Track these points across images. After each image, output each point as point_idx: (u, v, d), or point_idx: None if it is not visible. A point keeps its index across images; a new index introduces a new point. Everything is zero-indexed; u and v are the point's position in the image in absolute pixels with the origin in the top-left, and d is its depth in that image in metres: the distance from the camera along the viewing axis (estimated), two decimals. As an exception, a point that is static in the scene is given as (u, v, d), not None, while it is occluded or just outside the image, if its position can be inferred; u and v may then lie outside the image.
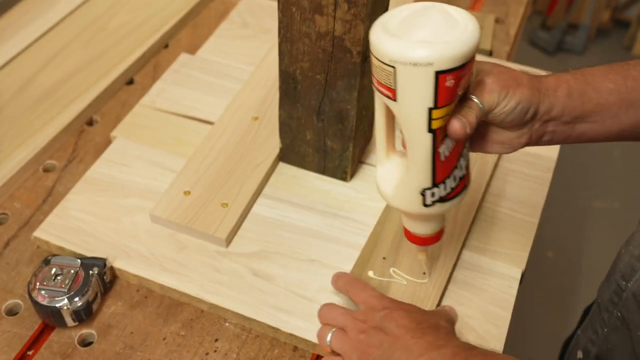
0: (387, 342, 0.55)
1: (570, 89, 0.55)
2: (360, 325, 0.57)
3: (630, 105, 0.55)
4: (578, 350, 0.74)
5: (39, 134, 0.82)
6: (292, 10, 0.64)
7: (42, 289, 0.63)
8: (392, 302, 0.59)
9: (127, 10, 1.01)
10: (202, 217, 0.71)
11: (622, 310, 0.62)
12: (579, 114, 0.55)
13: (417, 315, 0.57)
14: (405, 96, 0.49)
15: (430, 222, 0.59)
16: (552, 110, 0.55)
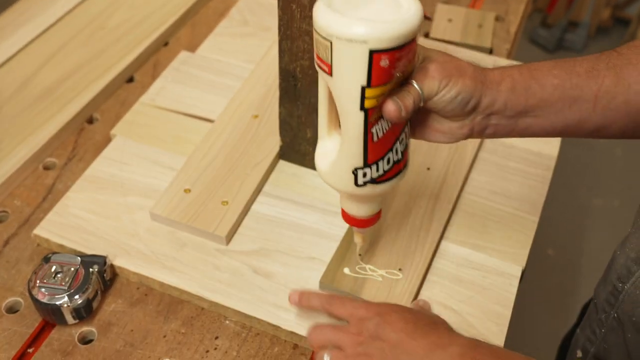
0: (387, 349, 0.53)
1: (514, 83, 0.54)
2: (355, 338, 0.54)
3: (574, 101, 0.55)
4: (577, 349, 0.74)
5: (39, 132, 0.82)
6: (292, 8, 0.64)
7: (43, 287, 0.63)
8: (381, 307, 0.56)
9: (126, 8, 1.00)
10: (202, 215, 0.71)
11: (618, 312, 0.61)
12: (522, 109, 0.55)
13: (411, 315, 0.55)
14: (339, 72, 0.49)
15: (365, 204, 0.59)
16: (494, 104, 0.54)
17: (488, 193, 0.77)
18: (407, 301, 0.65)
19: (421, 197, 0.74)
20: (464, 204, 0.76)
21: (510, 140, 0.83)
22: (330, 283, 0.66)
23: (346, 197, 0.59)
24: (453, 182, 0.76)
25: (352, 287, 0.66)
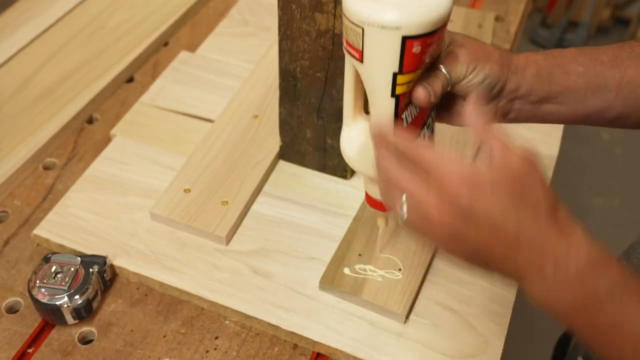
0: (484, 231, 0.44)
1: (539, 69, 0.54)
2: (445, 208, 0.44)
3: (597, 89, 0.55)
4: (578, 356, 0.73)
5: (39, 132, 0.82)
6: (292, 8, 0.64)
7: (42, 287, 0.63)
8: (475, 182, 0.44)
9: (126, 8, 1.00)
10: (202, 215, 0.71)
11: None
12: (546, 95, 0.55)
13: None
14: (371, 59, 0.48)
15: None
16: (519, 88, 0.54)
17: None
18: (407, 301, 0.65)
19: (421, 197, 0.74)
20: (464, 204, 0.76)
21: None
22: (330, 283, 0.66)
23: (372, 181, 0.58)
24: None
25: (352, 287, 0.66)
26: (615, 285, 0.42)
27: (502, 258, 0.44)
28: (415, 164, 0.45)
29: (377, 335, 0.64)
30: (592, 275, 0.42)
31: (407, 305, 0.64)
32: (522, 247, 0.43)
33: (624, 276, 0.43)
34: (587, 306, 0.43)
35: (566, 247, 0.42)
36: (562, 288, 0.43)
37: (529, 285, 0.44)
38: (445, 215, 0.43)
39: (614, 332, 0.42)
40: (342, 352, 0.63)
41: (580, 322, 0.44)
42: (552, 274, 0.43)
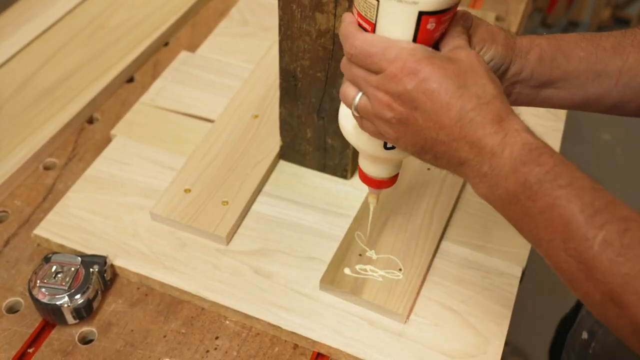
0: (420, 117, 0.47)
1: (542, 53, 0.54)
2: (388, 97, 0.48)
3: (597, 75, 0.54)
4: (583, 331, 0.73)
5: (39, 132, 0.82)
6: (292, 8, 0.64)
7: (43, 287, 0.63)
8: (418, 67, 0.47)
9: (126, 8, 1.00)
10: (203, 215, 0.71)
11: None
12: (547, 79, 0.55)
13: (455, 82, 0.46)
14: (383, 33, 0.47)
15: (387, 166, 0.58)
16: (521, 72, 0.54)
17: (488, 193, 0.77)
18: (407, 301, 0.65)
19: (421, 197, 0.74)
20: (464, 204, 0.76)
21: (511, 140, 0.83)
22: (330, 283, 0.66)
23: (368, 158, 0.58)
24: (453, 182, 0.76)
25: (352, 287, 0.65)
26: (546, 173, 0.43)
27: (446, 148, 0.46)
28: (370, 63, 0.47)
29: (377, 335, 0.64)
30: (524, 165, 0.43)
31: (407, 305, 0.64)
32: (463, 134, 0.45)
33: (555, 164, 0.43)
34: (519, 195, 0.44)
35: (503, 138, 0.44)
36: (496, 178, 0.45)
37: (469, 175, 0.47)
38: (394, 102, 0.46)
39: (544, 220, 0.43)
40: (342, 352, 0.63)
41: (514, 211, 0.45)
42: (488, 163, 0.45)
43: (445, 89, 0.45)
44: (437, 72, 0.45)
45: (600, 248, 0.41)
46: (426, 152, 0.48)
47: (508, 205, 0.46)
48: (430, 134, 0.46)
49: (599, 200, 0.42)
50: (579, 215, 0.42)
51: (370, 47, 0.46)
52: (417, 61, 0.45)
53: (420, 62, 0.45)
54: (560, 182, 0.43)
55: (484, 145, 0.45)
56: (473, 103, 0.45)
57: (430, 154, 0.48)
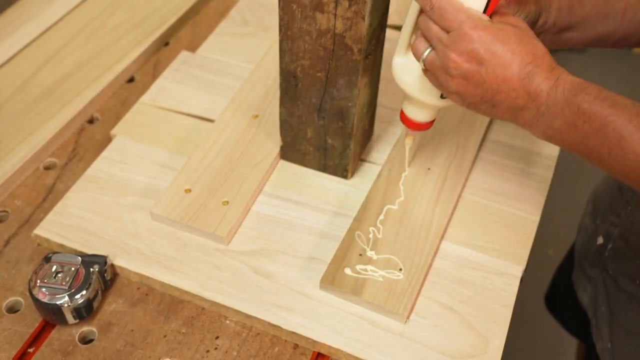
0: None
1: (561, 4, 0.65)
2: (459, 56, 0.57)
3: (606, 16, 0.66)
4: (598, 237, 0.79)
5: (39, 132, 0.82)
6: (292, 8, 0.64)
7: (43, 287, 0.63)
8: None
9: (126, 8, 1.00)
10: (203, 215, 0.71)
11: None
12: (566, 25, 0.65)
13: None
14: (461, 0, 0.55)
15: (432, 112, 0.67)
16: (546, 23, 0.64)
17: (488, 193, 0.77)
18: (407, 301, 0.65)
19: (421, 197, 0.74)
20: (464, 204, 0.76)
21: (511, 141, 0.83)
22: (330, 283, 0.66)
23: (416, 105, 0.66)
24: (453, 182, 0.76)
25: (352, 287, 0.66)
26: (595, 99, 0.53)
27: (505, 97, 0.55)
28: (444, 19, 0.56)
29: (377, 335, 0.64)
30: (576, 96, 0.53)
31: (407, 305, 0.64)
32: (523, 84, 0.54)
33: (600, 91, 0.53)
34: (576, 122, 0.53)
35: (555, 81, 0.54)
36: (553, 113, 0.54)
37: (527, 117, 0.56)
38: (461, 59, 0.55)
39: (601, 137, 0.52)
40: (343, 352, 0.63)
41: (573, 137, 0.54)
42: (545, 104, 0.54)
43: (507, 48, 0.54)
44: (499, 34, 0.54)
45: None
46: (485, 102, 0.57)
47: (567, 133, 0.54)
48: (492, 86, 0.55)
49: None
50: (629, 125, 0.51)
51: (447, 5, 0.55)
52: (484, 26, 0.54)
53: (486, 27, 0.54)
54: (607, 103, 0.52)
55: (540, 90, 0.54)
56: (530, 58, 0.54)
57: (488, 104, 0.57)
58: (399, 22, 0.99)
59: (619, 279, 0.75)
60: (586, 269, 0.83)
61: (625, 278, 0.74)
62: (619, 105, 0.52)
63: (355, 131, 0.72)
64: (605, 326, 0.76)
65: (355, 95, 0.69)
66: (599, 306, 0.78)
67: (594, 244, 0.81)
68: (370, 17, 0.63)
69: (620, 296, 0.75)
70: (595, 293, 0.80)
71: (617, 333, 0.75)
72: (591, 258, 0.82)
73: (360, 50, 0.64)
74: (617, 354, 0.74)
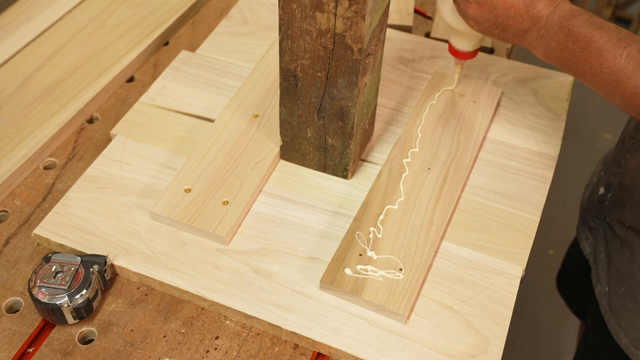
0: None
1: None
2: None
3: None
4: (600, 187, 0.85)
5: (39, 132, 0.82)
6: (292, 8, 0.64)
7: (43, 287, 0.63)
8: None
9: (126, 7, 1.00)
10: (203, 215, 0.71)
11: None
12: None
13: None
14: None
15: (471, 41, 0.78)
16: None
17: (488, 193, 0.77)
18: (407, 301, 0.65)
19: (421, 197, 0.74)
20: (464, 204, 0.76)
21: (511, 140, 0.83)
22: (330, 283, 0.66)
23: (458, 35, 0.77)
24: (454, 182, 0.76)
25: (352, 287, 0.65)
26: (583, 22, 0.62)
27: (513, 22, 0.66)
28: None
29: (377, 335, 0.64)
30: (568, 20, 0.63)
31: (407, 306, 0.64)
32: (527, 9, 0.65)
33: (590, 17, 0.62)
34: (567, 42, 0.63)
35: (554, 8, 0.64)
36: (550, 35, 0.65)
37: (531, 39, 0.66)
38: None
39: (585, 54, 0.62)
40: (343, 352, 0.63)
41: (564, 56, 0.64)
42: (544, 27, 0.65)
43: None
44: None
45: (625, 61, 0.59)
46: (497, 26, 0.67)
47: (560, 52, 0.64)
48: (502, 12, 0.66)
49: (622, 33, 0.61)
50: (608, 44, 0.60)
51: None
52: None
53: None
54: (593, 26, 0.62)
55: (541, 15, 0.65)
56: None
57: (500, 28, 0.67)
58: (399, 22, 0.99)
59: (614, 225, 0.80)
60: (588, 220, 0.88)
61: (619, 223, 0.79)
62: (603, 29, 0.61)
63: (355, 131, 0.72)
64: (604, 271, 0.81)
65: (355, 95, 0.68)
66: (599, 253, 0.83)
67: (596, 195, 0.86)
68: (370, 17, 0.63)
69: (615, 241, 0.80)
70: (595, 242, 0.85)
71: (613, 276, 0.79)
72: (593, 209, 0.87)
73: (360, 50, 0.64)
74: (612, 295, 0.79)
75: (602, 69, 0.61)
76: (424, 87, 0.89)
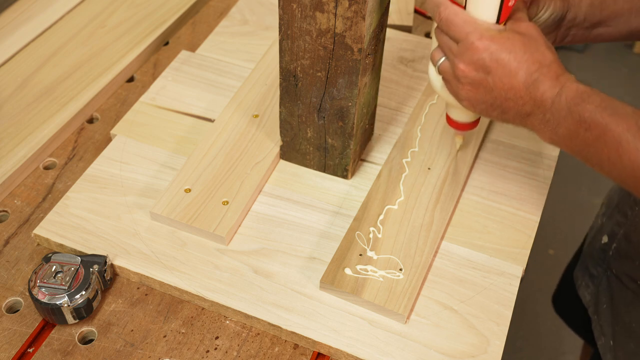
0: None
1: (592, 0, 0.65)
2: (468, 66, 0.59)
3: (639, 10, 0.65)
4: (603, 235, 0.80)
5: (39, 132, 0.82)
6: (292, 8, 0.64)
7: (43, 287, 0.63)
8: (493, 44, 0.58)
9: (126, 7, 1.00)
10: (203, 215, 0.71)
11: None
12: (597, 21, 0.65)
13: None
14: (471, 11, 0.57)
15: (469, 113, 0.69)
16: (576, 18, 0.65)
17: (488, 193, 0.77)
18: (407, 301, 0.65)
19: (421, 197, 0.74)
20: (464, 204, 0.76)
21: (511, 140, 0.83)
22: (330, 283, 0.66)
23: (452, 106, 0.68)
24: (454, 182, 0.76)
25: (352, 287, 0.65)
26: (596, 108, 0.54)
27: (513, 104, 0.57)
28: (451, 31, 0.58)
29: (377, 335, 0.64)
30: (578, 105, 0.54)
31: (407, 306, 0.64)
32: (529, 91, 0.56)
33: (602, 100, 0.54)
34: (578, 130, 0.55)
35: (560, 89, 0.55)
36: (557, 120, 0.56)
37: (535, 123, 0.58)
38: (469, 68, 0.57)
39: (601, 144, 0.54)
40: (343, 352, 0.63)
41: (576, 144, 0.56)
42: (550, 111, 0.56)
43: (513, 57, 0.56)
44: (506, 44, 0.56)
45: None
46: (495, 109, 0.59)
47: (570, 140, 0.56)
48: (500, 94, 0.57)
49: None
50: (627, 134, 0.52)
51: (454, 17, 0.57)
52: (490, 36, 0.56)
53: (492, 37, 0.56)
54: (607, 112, 0.53)
55: (545, 98, 0.56)
56: (536, 66, 0.56)
57: (498, 110, 0.59)
58: (399, 22, 0.99)
59: (622, 277, 0.76)
60: (589, 267, 0.84)
61: (628, 277, 0.75)
62: (618, 114, 0.53)
63: (355, 131, 0.72)
64: (607, 324, 0.77)
65: (355, 95, 0.68)
66: (601, 304, 0.79)
67: (598, 242, 0.82)
68: (370, 17, 0.63)
69: (623, 294, 0.76)
70: (597, 291, 0.80)
71: (620, 331, 0.75)
72: (595, 256, 0.83)
73: (360, 50, 0.64)
74: (618, 351, 0.75)
75: (623, 161, 0.53)
76: (424, 87, 0.89)
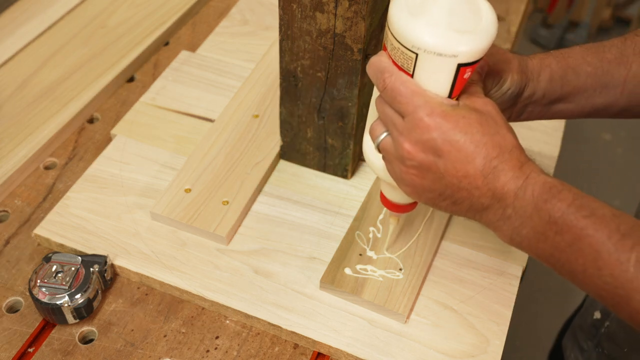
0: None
1: (552, 73, 0.57)
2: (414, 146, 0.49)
3: (604, 87, 0.58)
4: (595, 311, 0.74)
5: (40, 132, 0.82)
6: (292, 8, 0.64)
7: (43, 286, 0.63)
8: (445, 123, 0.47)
9: (126, 7, 1.00)
10: (203, 215, 0.71)
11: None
12: (558, 96, 0.58)
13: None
14: (421, 82, 0.48)
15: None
16: (534, 94, 0.57)
17: (488, 193, 0.77)
18: (407, 301, 0.65)
19: (422, 197, 0.74)
20: (464, 204, 0.76)
21: (511, 140, 0.83)
22: (330, 283, 0.66)
23: (389, 185, 0.58)
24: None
25: (352, 287, 0.66)
26: (568, 207, 0.45)
27: (468, 195, 0.47)
28: (397, 102, 0.48)
29: (377, 335, 0.64)
30: (546, 202, 0.45)
31: (407, 305, 0.64)
32: (487, 181, 0.46)
33: (575, 198, 0.45)
34: (547, 232, 0.46)
35: (524, 181, 0.46)
36: (521, 219, 0.46)
37: (492, 219, 0.48)
38: (416, 148, 0.47)
39: (575, 252, 0.45)
40: (343, 352, 0.63)
41: (543, 248, 0.47)
42: (512, 206, 0.46)
43: (469, 138, 0.46)
44: (460, 123, 0.46)
45: (635, 269, 0.42)
46: (445, 199, 0.49)
47: (536, 243, 0.47)
48: (452, 181, 0.47)
49: (623, 225, 0.44)
50: (608, 242, 0.43)
51: (402, 86, 0.47)
52: (442, 112, 0.46)
53: (445, 113, 0.46)
54: (583, 213, 0.44)
55: (507, 190, 0.46)
56: (496, 151, 0.46)
57: (449, 200, 0.49)
58: (399, 21, 0.99)
59: (615, 358, 0.72)
60: (579, 340, 0.80)
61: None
62: (596, 217, 0.44)
63: (355, 131, 0.72)
64: None
65: (355, 95, 0.68)
66: None
67: (590, 317, 0.77)
68: (370, 17, 0.63)
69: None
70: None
71: None
72: (586, 329, 0.78)
73: (360, 50, 0.64)
74: None
75: (602, 275, 0.44)
76: (424, 87, 0.89)
